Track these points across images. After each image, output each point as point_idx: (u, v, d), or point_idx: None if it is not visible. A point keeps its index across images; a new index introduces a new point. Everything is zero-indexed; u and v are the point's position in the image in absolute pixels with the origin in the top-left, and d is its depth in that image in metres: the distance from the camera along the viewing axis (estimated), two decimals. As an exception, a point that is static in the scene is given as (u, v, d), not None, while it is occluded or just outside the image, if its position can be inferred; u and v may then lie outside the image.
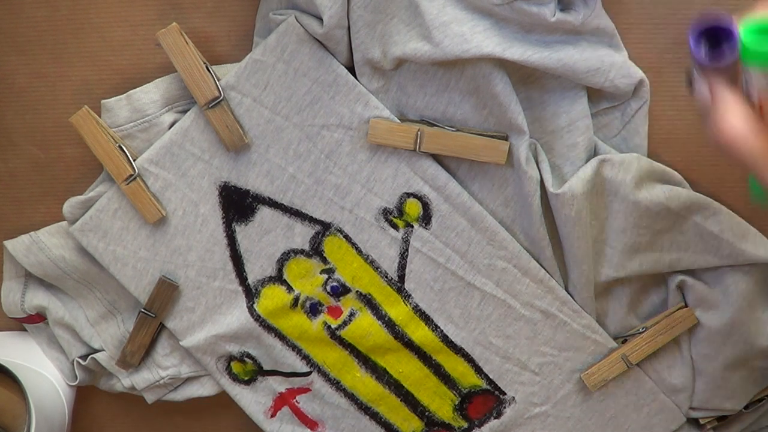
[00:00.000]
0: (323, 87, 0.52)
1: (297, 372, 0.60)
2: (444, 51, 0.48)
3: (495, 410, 0.60)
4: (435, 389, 0.60)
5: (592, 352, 0.58)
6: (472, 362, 0.59)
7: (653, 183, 0.55)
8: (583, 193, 0.52)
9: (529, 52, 0.49)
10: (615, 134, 0.55)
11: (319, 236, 0.56)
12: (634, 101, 0.54)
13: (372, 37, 0.51)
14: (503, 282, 0.57)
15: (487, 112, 0.52)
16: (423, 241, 0.56)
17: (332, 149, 0.54)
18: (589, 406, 0.60)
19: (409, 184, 0.55)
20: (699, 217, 0.55)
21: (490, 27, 0.49)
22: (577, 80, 0.51)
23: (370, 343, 0.59)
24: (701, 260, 0.55)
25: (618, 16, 0.52)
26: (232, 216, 0.56)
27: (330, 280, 0.57)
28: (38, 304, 0.58)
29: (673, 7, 0.53)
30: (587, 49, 0.50)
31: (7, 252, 0.56)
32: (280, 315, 0.58)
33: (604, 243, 0.55)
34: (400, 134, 0.52)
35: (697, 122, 0.56)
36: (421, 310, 0.58)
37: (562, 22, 0.48)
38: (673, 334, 0.57)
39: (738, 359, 0.57)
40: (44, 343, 0.61)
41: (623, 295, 0.58)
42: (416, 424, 0.61)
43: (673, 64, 0.54)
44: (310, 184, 0.55)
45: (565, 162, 0.54)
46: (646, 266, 0.55)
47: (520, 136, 0.52)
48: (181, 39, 0.50)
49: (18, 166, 0.58)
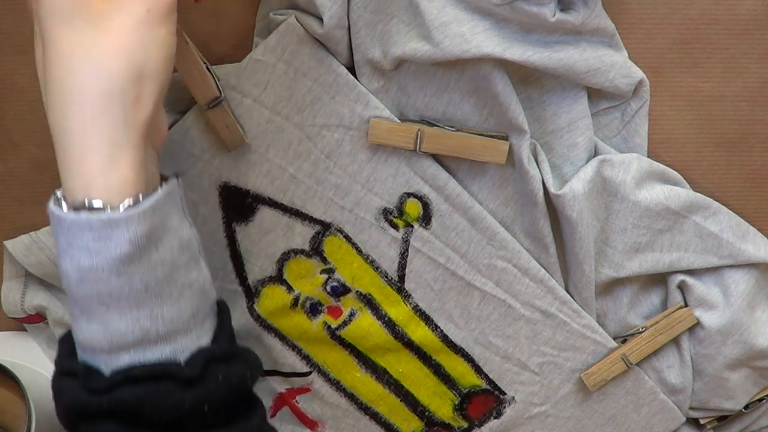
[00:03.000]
0: (323, 87, 0.52)
1: (297, 372, 0.60)
2: (444, 51, 0.48)
3: (495, 410, 0.60)
4: (435, 389, 0.60)
5: (592, 352, 0.58)
6: (471, 362, 0.59)
7: (653, 183, 0.55)
8: (584, 193, 0.52)
9: (529, 52, 0.49)
10: (615, 134, 0.55)
11: (319, 236, 0.56)
12: (634, 101, 0.54)
13: (372, 37, 0.51)
14: (503, 282, 0.57)
15: (487, 112, 0.52)
16: (423, 241, 0.56)
17: (332, 149, 0.54)
18: (589, 405, 0.60)
19: (409, 184, 0.55)
20: (699, 217, 0.55)
21: (490, 27, 0.49)
22: (577, 80, 0.51)
23: (370, 343, 0.59)
24: (701, 260, 0.55)
25: (618, 16, 0.52)
26: (232, 216, 0.56)
27: (330, 280, 0.57)
28: (38, 304, 0.58)
29: (673, 7, 0.53)
30: (587, 49, 0.50)
31: (7, 252, 0.57)
32: (280, 315, 0.58)
33: (604, 243, 0.55)
34: (401, 134, 0.52)
35: (697, 122, 0.56)
36: (421, 310, 0.58)
37: (562, 22, 0.48)
38: (672, 334, 0.57)
39: (738, 359, 0.57)
40: (44, 343, 0.61)
41: (623, 295, 0.58)
42: (416, 424, 0.61)
43: (673, 64, 0.54)
44: (310, 184, 0.55)
45: (565, 162, 0.54)
46: (646, 266, 0.56)
47: (521, 136, 0.52)
48: (181, 39, 0.50)
49: (18, 166, 0.58)
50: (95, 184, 0.37)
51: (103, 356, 0.38)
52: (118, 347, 0.38)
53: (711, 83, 0.55)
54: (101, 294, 0.37)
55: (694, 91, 0.55)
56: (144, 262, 0.37)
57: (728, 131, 0.56)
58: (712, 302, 0.56)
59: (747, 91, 0.55)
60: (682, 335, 0.57)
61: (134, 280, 0.37)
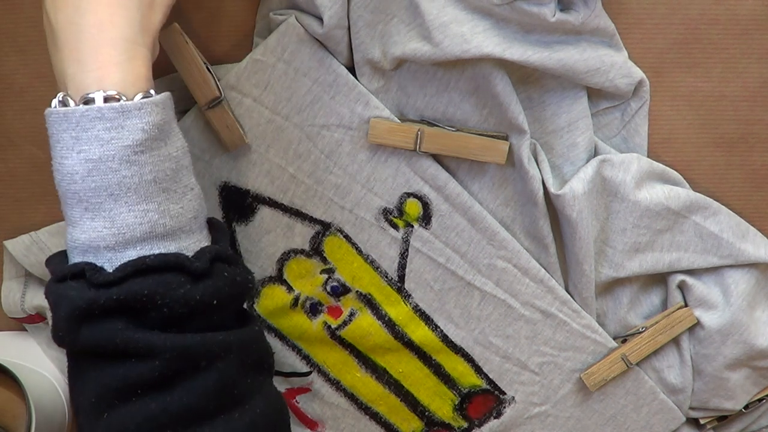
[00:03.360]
0: (323, 87, 0.52)
1: (297, 372, 0.60)
2: (444, 51, 0.48)
3: (495, 410, 0.60)
4: (435, 389, 0.60)
5: (592, 351, 0.58)
6: (471, 362, 0.59)
7: (653, 183, 0.55)
8: (584, 193, 0.52)
9: (529, 52, 0.49)
10: (615, 134, 0.55)
11: (319, 236, 0.56)
12: (634, 101, 0.54)
13: (372, 37, 0.51)
14: (503, 282, 0.57)
15: (487, 112, 0.53)
16: (423, 241, 0.56)
17: (332, 149, 0.54)
18: (589, 405, 0.60)
19: (409, 184, 0.55)
20: (699, 217, 0.55)
21: (490, 27, 0.49)
22: (577, 80, 0.51)
23: (370, 343, 0.59)
24: (701, 260, 0.55)
25: (618, 16, 0.52)
26: (232, 216, 0.56)
27: (330, 280, 0.57)
28: (38, 304, 0.58)
29: (673, 7, 0.53)
30: (587, 49, 0.50)
31: (7, 252, 0.56)
32: (280, 315, 0.58)
33: (604, 243, 0.55)
34: (401, 134, 0.52)
35: (697, 122, 0.56)
36: (421, 310, 0.58)
37: (562, 22, 0.49)
38: (672, 333, 0.57)
39: (738, 359, 0.57)
40: (44, 343, 0.61)
41: (623, 295, 0.58)
42: (416, 424, 0.61)
43: (673, 64, 0.54)
44: (310, 184, 0.55)
45: (565, 162, 0.54)
46: (646, 266, 0.56)
47: (521, 136, 0.52)
48: (181, 39, 0.50)
49: (18, 166, 0.58)
50: (110, 76, 0.38)
51: (108, 254, 0.38)
52: (124, 242, 0.38)
53: (711, 83, 0.55)
54: (111, 185, 0.37)
55: (694, 91, 0.55)
56: (154, 153, 0.38)
57: (728, 131, 0.56)
58: (712, 302, 0.56)
59: (747, 91, 0.55)
60: (682, 335, 0.57)
61: (144, 170, 0.38)
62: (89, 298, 0.36)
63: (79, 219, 0.38)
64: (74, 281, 0.38)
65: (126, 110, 0.37)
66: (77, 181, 0.37)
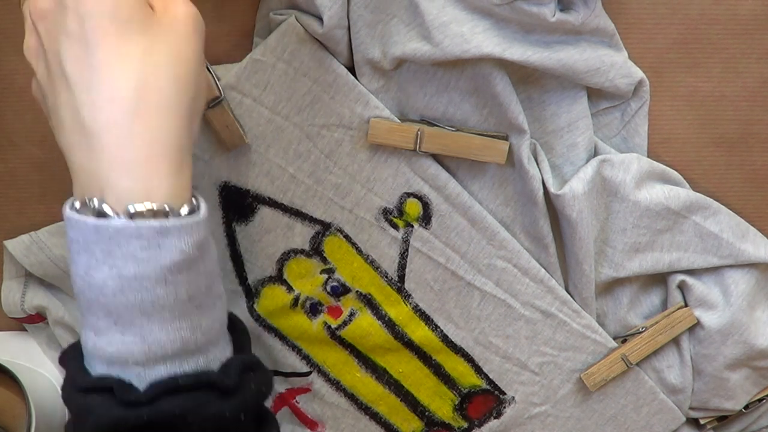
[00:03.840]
0: (323, 87, 0.52)
1: (297, 372, 0.60)
2: (444, 51, 0.48)
3: (495, 410, 0.60)
4: (435, 389, 0.60)
5: (592, 352, 0.58)
6: (472, 362, 0.59)
7: (653, 183, 0.55)
8: (584, 193, 0.52)
9: (529, 52, 0.49)
10: (615, 134, 0.55)
11: (319, 236, 0.56)
12: (634, 101, 0.54)
13: (372, 37, 0.51)
14: (503, 282, 0.57)
15: (487, 112, 0.53)
16: (423, 241, 0.56)
17: (332, 149, 0.54)
18: (589, 405, 0.60)
19: (409, 184, 0.55)
20: (699, 217, 0.55)
21: (490, 27, 0.49)
22: (577, 80, 0.51)
23: (370, 343, 0.59)
24: (701, 260, 0.55)
25: (618, 16, 0.52)
26: (232, 216, 0.56)
27: (330, 280, 0.57)
28: (38, 304, 0.58)
29: (673, 7, 0.53)
30: (587, 49, 0.50)
31: (7, 252, 0.57)
32: (279, 315, 0.58)
33: (604, 243, 0.55)
34: (400, 134, 0.52)
35: (697, 122, 0.56)
36: (421, 310, 0.58)
37: (562, 22, 0.49)
38: (672, 333, 0.57)
39: (738, 359, 0.57)
40: (44, 343, 0.61)
41: (623, 295, 0.58)
42: (416, 424, 0.61)
43: (673, 64, 0.54)
44: (310, 184, 0.55)
45: (565, 162, 0.54)
46: (646, 266, 0.56)
47: (521, 135, 0.52)
48: (181, 39, 0.50)
49: (18, 166, 0.58)
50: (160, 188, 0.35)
51: (137, 369, 0.36)
52: (154, 359, 0.36)
53: (711, 83, 0.55)
54: (144, 303, 0.35)
55: (694, 91, 0.55)
56: (192, 272, 0.36)
57: (728, 131, 0.56)
58: (712, 302, 0.56)
59: (747, 91, 0.55)
60: (682, 335, 0.57)
61: (180, 290, 0.36)
62: (118, 416, 0.35)
63: (105, 329, 0.36)
64: (99, 394, 0.36)
65: (165, 231, 0.34)
66: (107, 294, 0.35)
